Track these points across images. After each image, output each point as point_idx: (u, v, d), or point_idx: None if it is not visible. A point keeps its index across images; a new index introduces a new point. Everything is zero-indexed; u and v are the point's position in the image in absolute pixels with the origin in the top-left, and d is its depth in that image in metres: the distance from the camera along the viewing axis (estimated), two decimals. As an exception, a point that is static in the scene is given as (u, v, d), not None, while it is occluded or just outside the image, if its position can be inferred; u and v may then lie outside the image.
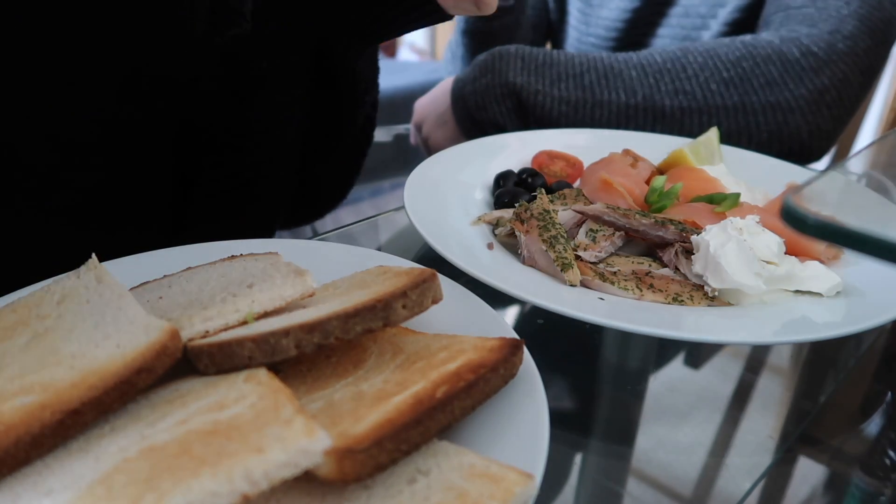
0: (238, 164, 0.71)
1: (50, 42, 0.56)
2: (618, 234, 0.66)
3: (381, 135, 1.31)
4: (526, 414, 0.40)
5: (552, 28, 1.42)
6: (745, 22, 1.12)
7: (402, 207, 0.68)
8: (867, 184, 0.43)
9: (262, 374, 0.37)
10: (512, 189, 0.77)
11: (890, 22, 1.01)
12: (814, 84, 0.96)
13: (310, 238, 0.72)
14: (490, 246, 0.66)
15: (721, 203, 0.70)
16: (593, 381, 0.65)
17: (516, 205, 0.69)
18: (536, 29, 1.39)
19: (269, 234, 0.82)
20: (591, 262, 0.63)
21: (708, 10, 1.15)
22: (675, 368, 0.67)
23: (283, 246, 0.58)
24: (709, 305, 0.59)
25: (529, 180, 0.79)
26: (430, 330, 0.46)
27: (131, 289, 0.46)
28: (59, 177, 0.60)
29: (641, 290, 0.59)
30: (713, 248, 0.59)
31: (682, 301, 0.59)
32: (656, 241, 0.65)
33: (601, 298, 0.58)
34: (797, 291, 0.60)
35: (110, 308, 0.41)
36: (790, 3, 1.04)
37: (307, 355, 0.40)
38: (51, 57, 0.56)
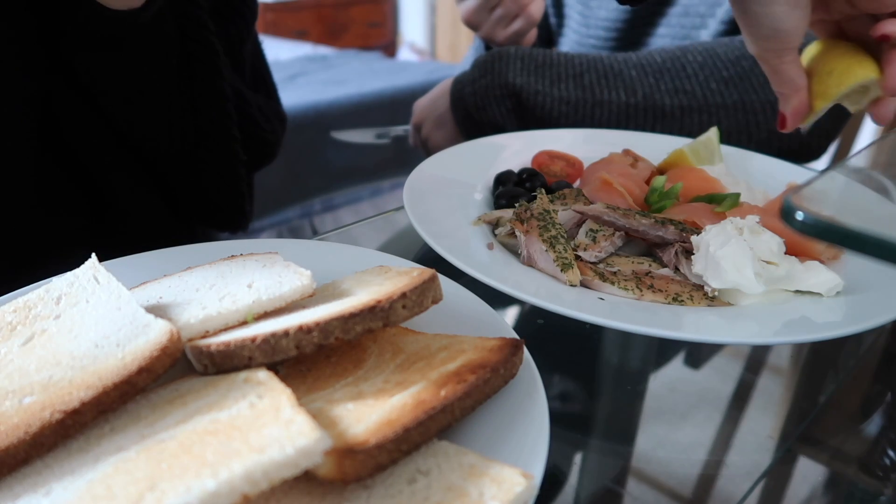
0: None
1: None
2: (618, 234, 0.66)
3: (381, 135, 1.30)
4: (526, 414, 0.40)
5: (551, 31, 1.42)
6: None
7: (402, 207, 0.68)
8: (867, 184, 0.42)
9: (262, 374, 0.37)
10: (512, 189, 0.77)
11: None
12: None
13: (310, 238, 0.72)
14: (490, 246, 0.66)
15: (721, 203, 0.70)
16: (593, 381, 0.65)
17: (516, 205, 0.69)
18: (539, 37, 1.39)
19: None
20: (591, 262, 0.63)
21: (707, 9, 1.15)
22: (675, 368, 0.67)
23: (283, 246, 0.58)
24: (709, 305, 0.59)
25: (529, 181, 0.79)
26: (430, 330, 0.46)
27: (131, 289, 0.46)
28: None
29: (641, 290, 0.59)
30: (713, 248, 0.59)
31: (682, 301, 0.59)
32: (656, 241, 0.65)
33: (601, 298, 0.58)
34: (797, 291, 0.60)
35: (110, 308, 0.41)
36: None
37: (307, 355, 0.40)
38: None
